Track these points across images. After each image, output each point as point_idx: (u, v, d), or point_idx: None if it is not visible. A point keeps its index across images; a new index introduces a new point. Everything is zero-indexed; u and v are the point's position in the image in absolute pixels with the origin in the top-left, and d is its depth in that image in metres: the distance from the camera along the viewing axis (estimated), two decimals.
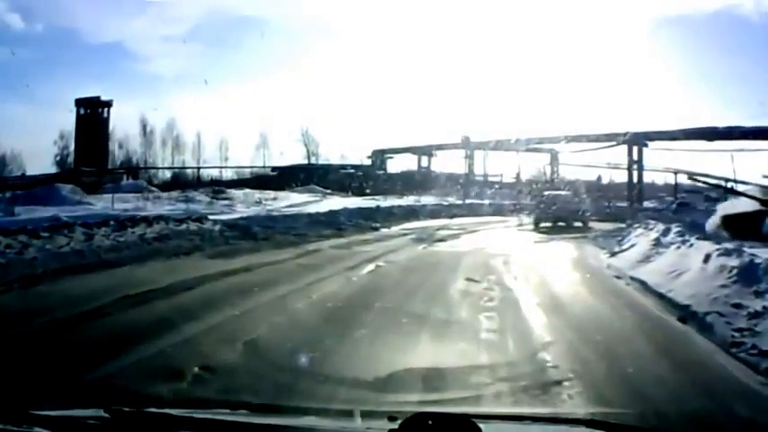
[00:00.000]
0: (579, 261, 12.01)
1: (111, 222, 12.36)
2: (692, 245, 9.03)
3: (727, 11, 55.04)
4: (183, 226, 13.67)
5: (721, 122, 35.56)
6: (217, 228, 14.69)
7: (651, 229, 12.46)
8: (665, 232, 11.32)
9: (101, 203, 27.64)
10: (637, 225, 14.62)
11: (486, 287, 8.23)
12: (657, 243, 10.72)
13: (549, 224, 21.50)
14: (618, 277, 9.42)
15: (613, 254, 12.09)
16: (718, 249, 7.69)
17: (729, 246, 7.82)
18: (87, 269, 9.57)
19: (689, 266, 7.76)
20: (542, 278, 9.33)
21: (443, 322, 5.96)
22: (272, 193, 34.68)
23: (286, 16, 68.81)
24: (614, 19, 56.97)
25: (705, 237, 9.58)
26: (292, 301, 6.89)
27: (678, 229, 11.24)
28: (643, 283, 8.14)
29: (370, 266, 10.28)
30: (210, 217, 17.11)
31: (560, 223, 21.32)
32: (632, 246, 12.00)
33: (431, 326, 5.78)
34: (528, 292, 7.95)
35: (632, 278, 8.82)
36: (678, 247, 9.38)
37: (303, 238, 15.16)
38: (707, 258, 7.53)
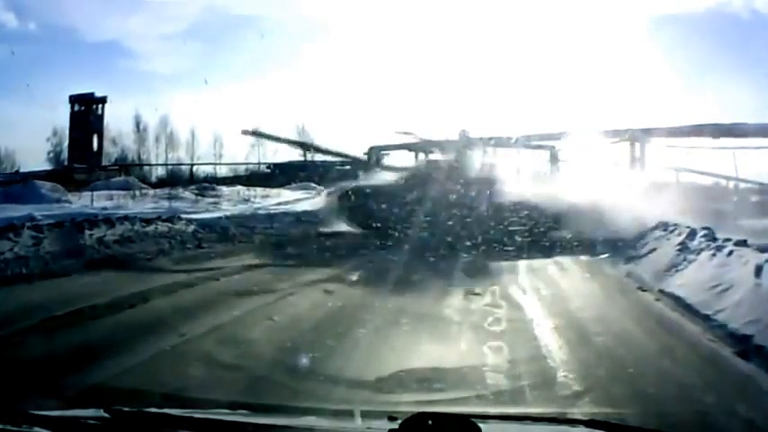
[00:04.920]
0: (592, 267, 10.83)
1: (66, 224, 10.95)
2: (730, 252, 7.61)
3: (724, 8, 53.64)
4: (151, 227, 12.27)
5: (724, 120, 34.57)
6: (190, 229, 13.31)
7: (672, 232, 11.11)
8: (691, 235, 9.95)
9: (81, 202, 26.31)
10: (652, 226, 13.29)
11: (490, 303, 6.99)
12: (684, 248, 9.33)
13: None
14: (643, 289, 8.07)
15: (629, 259, 10.82)
16: None
17: None
18: (25, 280, 8.40)
19: (735, 280, 6.38)
20: (555, 290, 8.12)
21: (436, 359, 4.57)
22: (262, 190, 33.24)
23: (282, 13, 66.99)
24: (616, 15, 55.61)
25: (744, 242, 8.18)
26: (243, 331, 5.54)
27: (705, 232, 9.87)
28: (678, 300, 6.75)
29: (354, 276, 9.01)
30: (188, 216, 15.71)
31: None
32: (651, 250, 10.68)
33: (420, 367, 4.40)
34: (541, 310, 6.64)
35: (662, 292, 7.45)
36: (713, 255, 7.97)
37: (285, 238, 13.84)
38: (758, 271, 6.16)
